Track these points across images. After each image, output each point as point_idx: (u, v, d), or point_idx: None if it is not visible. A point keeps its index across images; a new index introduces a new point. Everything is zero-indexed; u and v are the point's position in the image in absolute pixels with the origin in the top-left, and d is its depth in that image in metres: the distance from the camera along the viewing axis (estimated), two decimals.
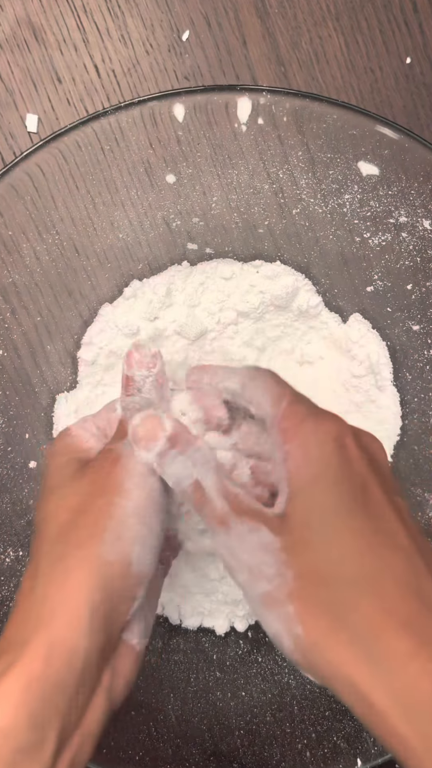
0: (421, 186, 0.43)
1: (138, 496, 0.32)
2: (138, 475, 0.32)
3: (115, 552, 0.30)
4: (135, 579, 0.31)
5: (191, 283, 0.45)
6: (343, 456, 0.31)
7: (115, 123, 0.43)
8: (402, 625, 0.27)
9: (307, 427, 0.32)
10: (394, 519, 0.30)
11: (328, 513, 0.30)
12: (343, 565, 0.29)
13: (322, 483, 0.30)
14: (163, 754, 0.43)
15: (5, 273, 0.44)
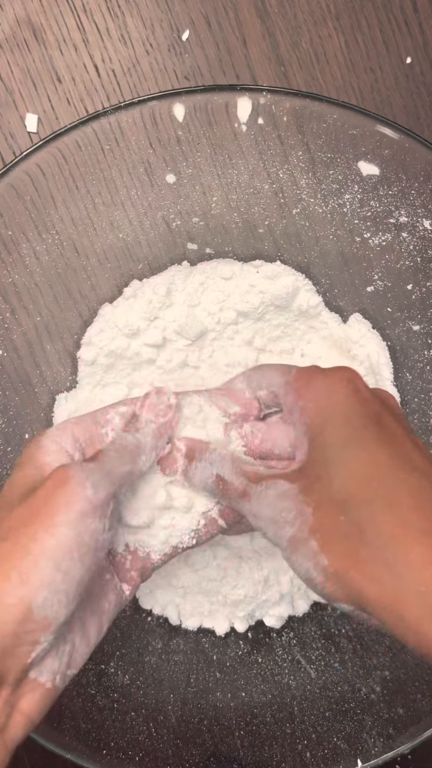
0: (421, 186, 0.43)
1: (64, 535, 0.29)
2: (75, 511, 0.30)
3: (16, 596, 0.28)
4: (36, 624, 0.29)
5: (191, 283, 0.45)
6: (355, 396, 0.33)
7: (115, 123, 0.43)
8: (421, 533, 0.28)
9: (317, 380, 0.34)
10: (409, 445, 0.31)
11: (341, 445, 0.31)
12: (358, 489, 0.30)
13: (335, 421, 0.32)
14: (163, 755, 0.43)
15: (5, 273, 0.44)
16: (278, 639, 0.47)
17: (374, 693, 0.44)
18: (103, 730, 0.43)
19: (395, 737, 0.42)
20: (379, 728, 0.43)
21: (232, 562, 0.45)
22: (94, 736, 0.42)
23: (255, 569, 0.45)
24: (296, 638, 0.47)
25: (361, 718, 0.44)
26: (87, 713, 0.43)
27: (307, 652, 0.47)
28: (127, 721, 0.44)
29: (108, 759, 0.42)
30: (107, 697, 0.44)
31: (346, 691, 0.45)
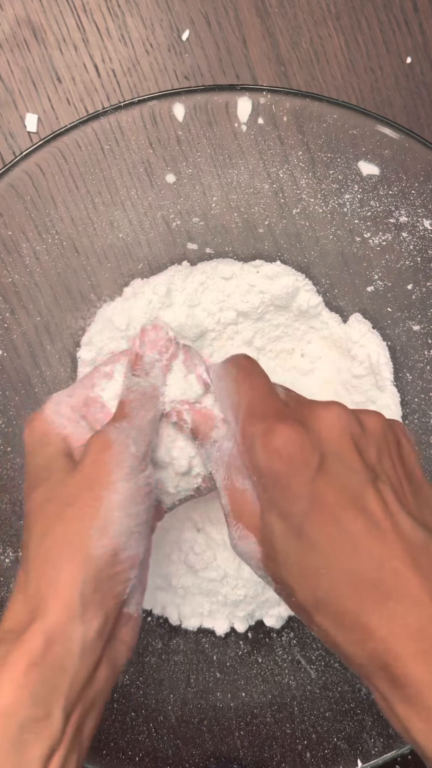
0: (421, 186, 0.43)
1: (124, 488, 0.33)
2: (127, 467, 0.33)
3: (101, 546, 0.31)
4: (125, 565, 0.32)
5: (191, 283, 0.45)
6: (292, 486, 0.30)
7: (115, 123, 0.43)
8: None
9: (256, 455, 0.31)
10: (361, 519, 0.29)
11: (283, 536, 0.30)
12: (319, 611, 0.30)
13: (275, 510, 0.31)
14: (163, 755, 0.43)
15: (5, 273, 0.44)
16: (278, 639, 0.47)
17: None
18: (103, 730, 0.43)
19: (395, 737, 0.42)
20: (379, 728, 0.43)
21: (232, 563, 0.45)
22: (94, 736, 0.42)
23: None
24: (296, 638, 0.47)
25: (362, 718, 0.44)
26: None
27: (307, 652, 0.47)
28: (127, 721, 0.44)
29: (108, 759, 0.42)
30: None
31: (346, 691, 0.45)
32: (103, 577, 0.32)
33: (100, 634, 0.31)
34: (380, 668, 0.27)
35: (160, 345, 0.38)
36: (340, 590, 0.28)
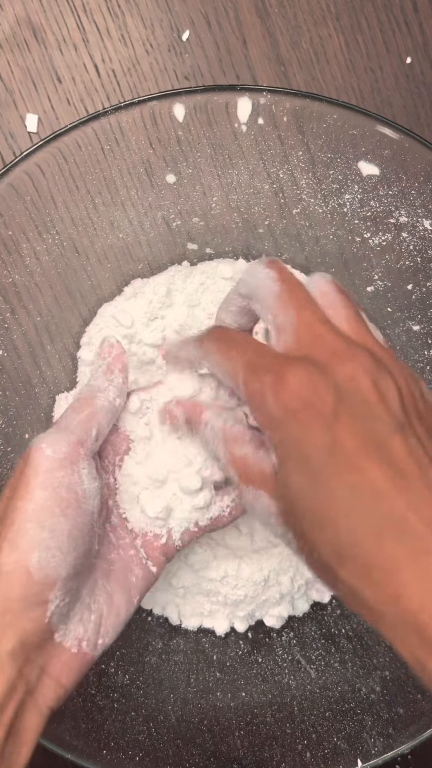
0: (421, 186, 0.43)
1: (39, 497, 0.31)
2: (43, 473, 0.31)
3: (10, 562, 0.30)
4: (40, 584, 0.30)
5: (191, 283, 0.45)
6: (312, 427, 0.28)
7: (115, 123, 0.43)
8: None
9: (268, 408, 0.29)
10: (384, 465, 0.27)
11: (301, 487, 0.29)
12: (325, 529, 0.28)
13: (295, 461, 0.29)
14: (163, 755, 0.43)
15: (5, 273, 0.44)
16: (278, 639, 0.47)
17: (374, 693, 0.44)
18: (103, 730, 0.43)
19: (395, 737, 0.43)
20: (379, 728, 0.43)
21: (232, 563, 0.45)
22: (94, 736, 0.42)
23: (255, 569, 0.45)
24: (296, 638, 0.47)
25: (361, 718, 0.44)
26: (87, 713, 0.43)
27: (307, 652, 0.47)
28: (127, 721, 0.44)
29: (108, 759, 0.42)
30: (107, 697, 0.44)
31: (346, 691, 0.45)
32: (14, 596, 0.30)
33: (11, 657, 0.29)
34: (413, 630, 0.26)
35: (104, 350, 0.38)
36: (365, 542, 0.26)
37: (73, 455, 0.32)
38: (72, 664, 0.32)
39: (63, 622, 0.32)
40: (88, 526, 0.32)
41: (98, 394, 0.36)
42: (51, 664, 0.31)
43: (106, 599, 0.34)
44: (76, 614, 0.33)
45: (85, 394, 0.36)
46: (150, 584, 0.37)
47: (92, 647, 0.33)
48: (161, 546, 0.38)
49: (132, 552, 0.37)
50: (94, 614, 0.33)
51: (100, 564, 0.35)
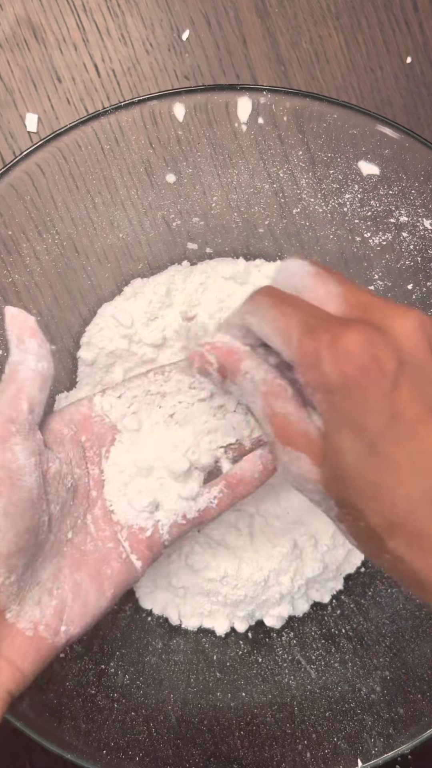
0: (421, 185, 0.43)
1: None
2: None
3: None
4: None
5: (191, 283, 0.45)
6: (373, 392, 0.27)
7: (115, 122, 0.43)
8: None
9: (323, 368, 0.28)
10: None
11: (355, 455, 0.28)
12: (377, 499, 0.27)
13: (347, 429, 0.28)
14: (163, 755, 0.43)
15: (5, 273, 0.44)
16: (278, 639, 0.47)
17: (374, 693, 0.44)
18: (103, 730, 0.43)
19: (395, 737, 0.42)
20: (379, 728, 0.43)
21: (232, 563, 0.45)
22: (94, 736, 0.42)
23: (255, 569, 0.45)
24: (296, 638, 0.47)
25: (362, 718, 0.44)
26: (87, 713, 0.43)
27: (308, 652, 0.47)
28: (127, 721, 0.44)
29: (108, 759, 0.42)
30: (107, 697, 0.44)
31: (346, 691, 0.45)
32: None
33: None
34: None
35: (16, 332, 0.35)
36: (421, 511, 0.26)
37: (4, 433, 0.32)
38: (29, 648, 0.32)
39: (14, 602, 0.32)
40: (28, 503, 0.32)
41: (18, 368, 0.34)
42: (3, 646, 0.31)
43: (72, 587, 0.34)
44: (33, 597, 0.32)
45: (6, 372, 0.35)
46: (131, 579, 0.37)
47: (52, 633, 0.33)
48: (146, 539, 0.37)
49: (111, 545, 0.37)
50: (55, 600, 0.33)
51: (71, 552, 0.35)
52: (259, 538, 0.46)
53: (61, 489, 0.35)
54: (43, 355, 0.35)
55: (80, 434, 0.37)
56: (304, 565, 0.46)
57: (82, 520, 0.36)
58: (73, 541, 0.36)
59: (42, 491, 0.33)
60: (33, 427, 0.33)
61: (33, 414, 0.33)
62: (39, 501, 0.32)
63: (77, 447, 0.37)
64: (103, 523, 0.37)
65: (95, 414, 0.38)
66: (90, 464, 0.38)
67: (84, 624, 0.34)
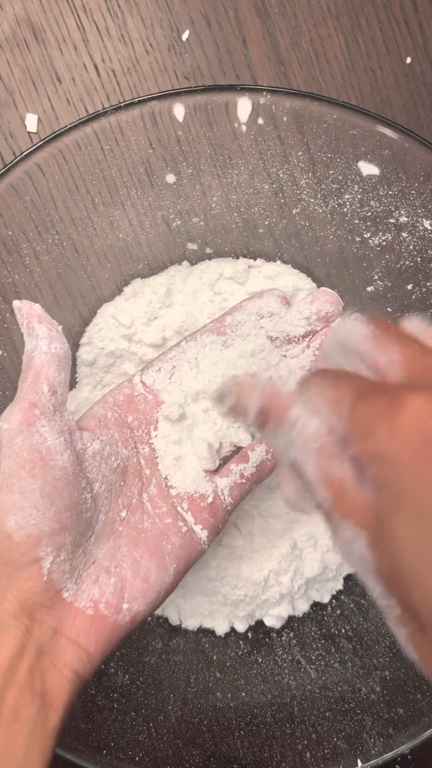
0: (421, 186, 0.43)
1: (4, 466, 0.31)
2: (4, 443, 0.32)
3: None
4: (24, 545, 0.30)
5: (191, 283, 0.45)
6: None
7: (115, 123, 0.43)
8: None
9: (378, 437, 0.23)
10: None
11: (417, 545, 0.23)
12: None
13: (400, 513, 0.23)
14: (163, 755, 0.43)
15: (5, 273, 0.44)
16: (278, 639, 0.47)
17: (374, 693, 0.44)
18: (103, 730, 0.43)
19: (395, 737, 0.42)
20: (379, 728, 0.43)
21: (232, 563, 0.45)
22: (94, 736, 0.42)
23: (255, 570, 0.45)
24: (296, 638, 0.47)
25: (361, 718, 0.44)
26: (87, 713, 0.43)
27: (307, 652, 0.47)
28: (127, 721, 0.44)
29: (108, 759, 0.42)
30: (107, 697, 0.44)
31: (346, 691, 0.45)
32: (2, 560, 0.30)
33: (14, 617, 0.30)
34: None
35: (24, 322, 0.36)
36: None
37: (29, 418, 0.32)
38: (90, 627, 0.32)
39: (70, 580, 0.32)
40: (63, 481, 0.32)
41: (33, 354, 0.35)
42: (65, 625, 0.31)
43: (132, 565, 0.34)
44: (91, 575, 0.33)
45: (23, 363, 0.35)
46: (194, 552, 0.37)
47: (113, 611, 0.33)
48: (209, 507, 0.38)
49: (169, 520, 0.37)
50: (114, 578, 0.33)
51: (127, 531, 0.35)
52: (258, 538, 0.46)
53: (105, 469, 0.35)
54: (54, 336, 0.35)
55: (126, 414, 0.38)
56: (303, 565, 0.46)
57: (137, 499, 0.37)
58: (128, 521, 0.36)
59: (78, 469, 0.33)
60: (58, 408, 0.34)
61: (56, 395, 0.34)
62: (76, 478, 0.33)
63: (123, 428, 0.37)
64: (159, 500, 0.37)
65: (138, 393, 0.39)
66: (140, 443, 0.38)
67: (149, 600, 0.34)
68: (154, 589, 0.35)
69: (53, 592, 0.31)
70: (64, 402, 0.34)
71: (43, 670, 0.30)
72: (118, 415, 0.38)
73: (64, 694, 0.30)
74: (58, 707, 0.30)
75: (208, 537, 0.37)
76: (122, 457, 0.36)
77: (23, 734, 0.28)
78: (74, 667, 0.31)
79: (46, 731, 0.29)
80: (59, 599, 0.32)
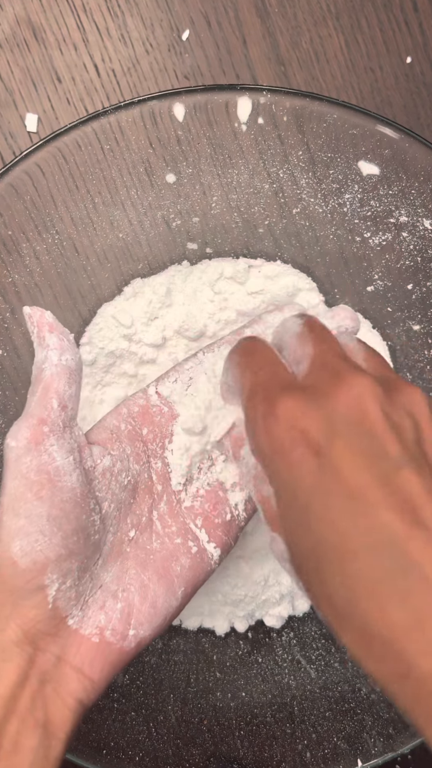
0: (421, 185, 0.43)
1: (11, 487, 0.30)
2: (12, 463, 0.30)
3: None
4: (30, 572, 0.29)
5: (191, 283, 0.45)
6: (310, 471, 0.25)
7: (115, 122, 0.43)
8: None
9: (257, 438, 0.27)
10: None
11: (291, 528, 0.26)
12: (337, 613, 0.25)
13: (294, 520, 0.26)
14: (163, 755, 0.43)
15: (5, 273, 0.44)
16: (278, 639, 0.47)
17: (375, 693, 0.44)
18: (103, 730, 0.43)
19: (395, 737, 0.42)
20: (379, 728, 0.43)
21: (232, 562, 0.45)
22: (94, 736, 0.42)
23: (255, 569, 0.45)
24: (296, 638, 0.47)
25: (362, 717, 0.44)
26: (87, 713, 0.43)
27: (308, 651, 0.47)
28: (127, 721, 0.44)
29: (108, 759, 0.42)
30: (107, 697, 0.44)
31: (346, 690, 0.45)
32: (6, 587, 0.29)
33: (17, 646, 0.29)
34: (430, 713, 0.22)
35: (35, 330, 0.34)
36: (359, 598, 0.23)
37: (37, 436, 0.31)
38: (96, 654, 0.31)
39: (75, 607, 0.31)
40: (71, 503, 0.31)
41: (42, 366, 0.33)
42: (69, 653, 0.31)
43: (140, 589, 0.33)
44: (97, 601, 0.32)
45: (33, 374, 0.33)
46: (203, 574, 0.35)
47: (119, 638, 0.32)
48: (224, 524, 0.36)
49: (179, 540, 0.35)
50: (121, 603, 0.32)
51: (135, 552, 0.34)
52: (258, 537, 0.46)
53: (115, 486, 0.33)
54: (66, 347, 0.33)
55: (141, 427, 0.36)
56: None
57: (147, 517, 0.35)
58: (137, 541, 0.34)
59: (87, 489, 0.32)
60: (68, 423, 0.32)
61: (66, 410, 0.32)
62: (85, 500, 0.31)
63: (136, 441, 0.36)
64: (169, 518, 0.36)
65: (153, 404, 0.37)
66: (152, 458, 0.36)
67: (155, 626, 0.33)
68: (161, 614, 0.33)
69: (58, 620, 0.30)
70: (75, 416, 0.33)
71: (46, 699, 0.30)
72: (132, 427, 0.36)
73: (67, 723, 0.30)
74: (61, 737, 0.29)
75: (220, 556, 0.36)
76: (133, 473, 0.35)
77: (24, 766, 0.28)
78: (78, 696, 0.30)
79: (48, 762, 0.29)
80: (64, 627, 0.31)
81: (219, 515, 0.36)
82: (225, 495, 0.37)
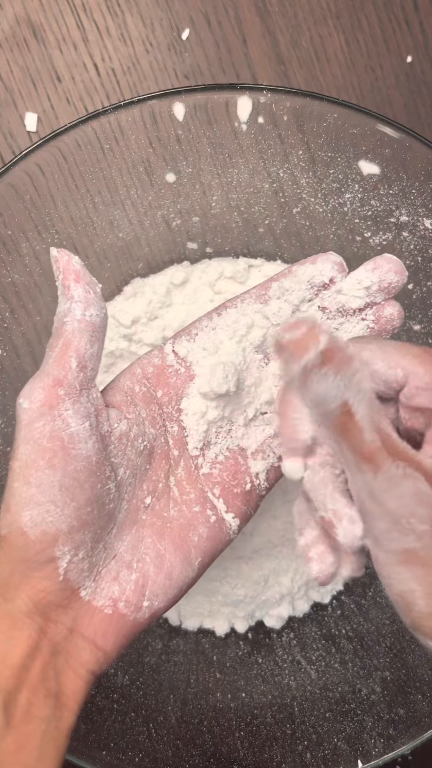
0: (422, 185, 0.43)
1: (23, 452, 0.29)
2: (24, 427, 0.29)
3: (5, 525, 0.28)
4: (41, 542, 0.28)
5: (191, 283, 0.45)
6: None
7: (115, 122, 0.43)
8: None
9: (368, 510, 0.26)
10: None
11: None
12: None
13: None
14: (163, 756, 0.43)
15: (5, 272, 0.44)
16: (278, 639, 0.47)
17: (375, 694, 0.44)
18: (103, 730, 0.43)
19: (396, 738, 0.42)
20: (379, 729, 0.43)
21: (232, 563, 0.45)
22: (94, 737, 0.42)
23: (255, 569, 0.45)
24: (296, 639, 0.47)
25: (362, 718, 0.44)
26: (87, 714, 0.43)
27: (308, 652, 0.46)
28: (126, 721, 0.44)
29: (108, 759, 0.42)
30: (107, 698, 0.44)
31: (346, 691, 0.45)
32: (16, 558, 0.28)
33: (28, 617, 0.28)
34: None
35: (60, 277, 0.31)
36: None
37: (51, 399, 0.29)
38: (108, 626, 0.30)
39: (88, 578, 0.30)
40: (86, 472, 0.29)
41: (64, 320, 0.30)
42: (81, 625, 0.30)
43: (155, 559, 0.32)
44: (111, 571, 0.31)
45: (54, 325, 0.31)
46: (220, 544, 0.34)
47: (133, 609, 0.30)
48: (243, 494, 0.34)
49: (197, 508, 0.34)
50: (135, 573, 0.31)
51: (152, 520, 0.33)
52: (258, 537, 0.46)
53: (131, 452, 0.32)
54: (91, 300, 0.30)
55: (155, 389, 0.34)
56: (303, 564, 0.46)
57: (164, 483, 0.33)
58: (153, 508, 0.33)
59: (102, 456, 0.30)
60: (86, 385, 0.30)
61: (85, 371, 0.30)
62: (100, 468, 0.30)
63: (151, 405, 0.34)
64: (187, 485, 0.34)
65: (169, 364, 0.35)
66: (168, 421, 0.34)
67: (170, 597, 0.32)
68: (176, 585, 0.32)
69: (70, 592, 0.29)
70: (94, 377, 0.30)
71: (58, 669, 0.29)
72: (146, 389, 0.34)
73: (78, 693, 0.29)
74: (73, 707, 0.29)
75: (239, 526, 0.34)
76: (149, 438, 0.33)
77: (36, 736, 0.27)
78: (90, 667, 0.30)
79: (59, 732, 0.28)
80: (76, 598, 0.30)
81: (238, 485, 0.34)
82: (246, 462, 0.35)
